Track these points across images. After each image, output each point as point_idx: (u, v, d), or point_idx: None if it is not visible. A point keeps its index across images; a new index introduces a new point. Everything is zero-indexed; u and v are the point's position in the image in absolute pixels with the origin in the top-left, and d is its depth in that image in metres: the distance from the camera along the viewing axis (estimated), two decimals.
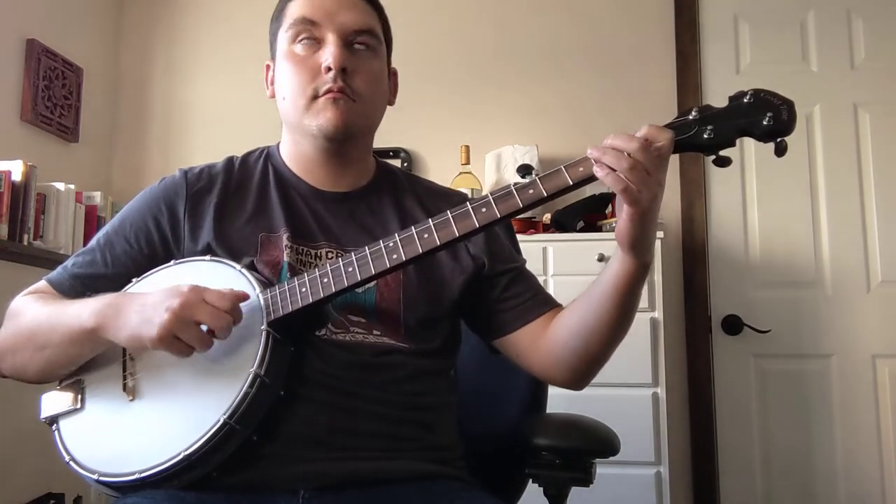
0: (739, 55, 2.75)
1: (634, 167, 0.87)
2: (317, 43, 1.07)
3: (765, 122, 0.87)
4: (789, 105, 0.88)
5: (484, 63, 2.87)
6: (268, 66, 1.16)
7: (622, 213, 0.92)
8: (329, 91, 1.05)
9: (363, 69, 1.08)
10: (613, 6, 2.84)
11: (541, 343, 1.10)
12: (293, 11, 1.09)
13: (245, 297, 0.96)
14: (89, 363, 1.03)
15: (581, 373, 1.08)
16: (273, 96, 1.15)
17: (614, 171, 0.87)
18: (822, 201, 2.63)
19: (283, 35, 1.10)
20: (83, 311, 0.97)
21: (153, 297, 0.94)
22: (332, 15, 1.07)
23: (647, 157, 0.87)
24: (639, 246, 0.94)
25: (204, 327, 0.91)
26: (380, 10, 1.14)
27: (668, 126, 0.91)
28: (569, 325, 1.06)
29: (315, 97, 1.06)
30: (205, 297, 0.92)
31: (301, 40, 1.08)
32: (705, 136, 0.89)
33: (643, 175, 0.87)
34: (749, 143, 0.87)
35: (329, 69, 1.05)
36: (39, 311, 1.04)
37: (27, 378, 1.04)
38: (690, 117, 0.91)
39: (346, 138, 1.10)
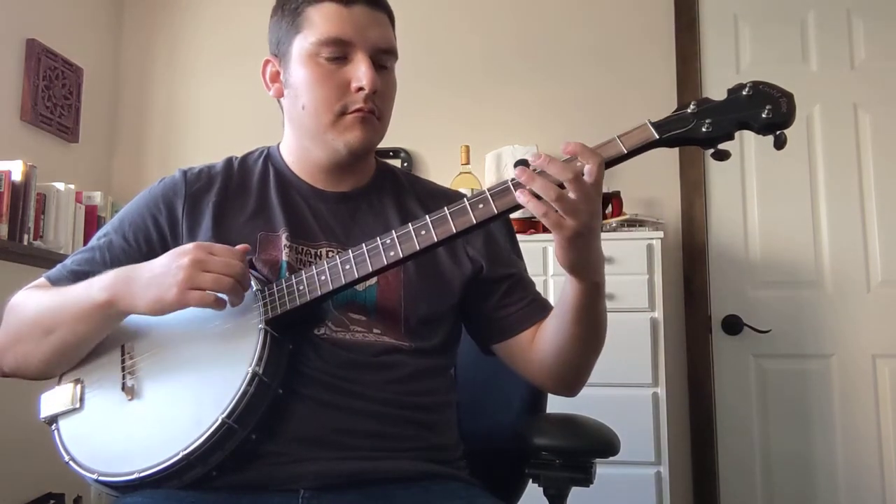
0: (739, 55, 2.75)
1: (561, 198, 0.86)
2: (343, 58, 1.06)
3: (764, 115, 0.87)
4: (788, 97, 0.87)
5: (484, 63, 2.87)
6: (267, 62, 1.14)
7: (554, 239, 0.90)
8: (359, 110, 1.05)
9: (386, 88, 1.09)
10: (614, 6, 2.84)
11: (531, 351, 1.11)
12: (321, 26, 1.05)
13: (247, 249, 0.98)
14: (88, 362, 1.03)
15: (567, 382, 1.10)
16: (280, 95, 1.13)
17: (537, 197, 0.86)
18: (822, 201, 2.63)
19: (305, 42, 1.06)
20: (91, 288, 0.98)
21: (161, 261, 0.95)
22: (362, 31, 1.05)
23: (578, 188, 0.86)
24: (578, 269, 0.94)
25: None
26: (393, 21, 1.13)
27: (666, 120, 0.90)
28: (546, 339, 1.08)
29: (343, 114, 1.06)
30: (212, 250, 0.94)
31: (328, 55, 1.05)
32: (703, 129, 0.88)
33: (569, 204, 0.86)
34: (749, 144, 0.87)
35: (361, 89, 1.04)
36: (42, 297, 1.04)
37: (30, 370, 1.03)
38: (688, 111, 0.90)
39: (367, 154, 1.11)
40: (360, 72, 1.04)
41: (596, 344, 1.05)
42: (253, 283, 0.99)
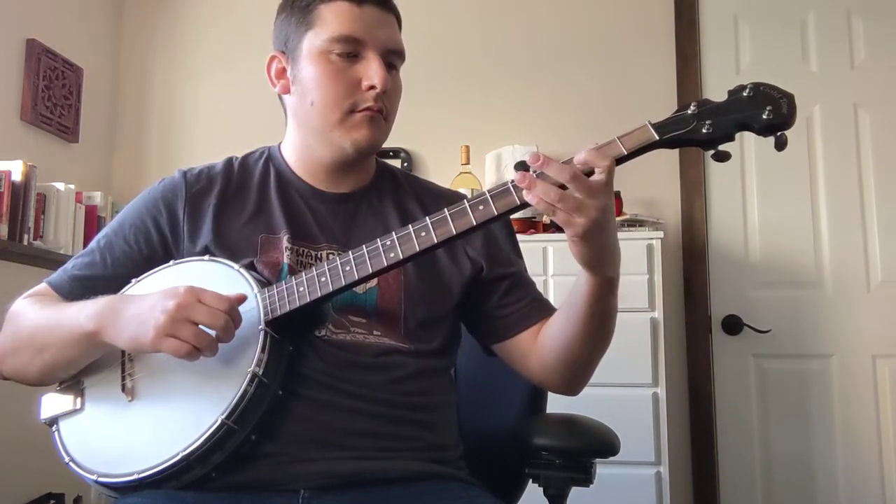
0: (739, 55, 2.75)
1: (563, 198, 0.85)
2: (354, 56, 1.06)
3: (764, 116, 0.86)
4: (789, 98, 0.87)
5: (484, 63, 2.87)
6: (273, 58, 1.13)
7: (566, 235, 0.90)
8: (368, 109, 1.05)
9: (394, 89, 1.09)
10: (614, 6, 2.84)
11: (534, 349, 1.10)
12: (333, 23, 1.05)
13: (243, 298, 0.96)
14: (89, 364, 1.02)
15: (571, 380, 1.10)
16: (285, 92, 1.12)
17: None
18: (822, 201, 2.63)
19: (316, 39, 1.06)
20: (81, 314, 0.97)
21: (150, 299, 0.94)
22: (373, 31, 1.06)
23: (579, 187, 0.85)
24: (593, 264, 0.93)
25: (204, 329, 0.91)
26: (401, 24, 1.14)
27: (666, 121, 0.90)
28: (552, 335, 1.07)
29: (351, 112, 1.06)
30: (201, 298, 0.92)
31: (339, 52, 1.05)
32: (704, 130, 0.88)
33: (574, 202, 0.86)
34: (749, 144, 0.87)
35: (372, 88, 1.04)
36: (39, 313, 1.03)
37: (27, 380, 1.04)
38: (689, 112, 0.89)
39: (372, 153, 1.12)
40: (372, 70, 1.05)
41: (603, 341, 1.05)
42: (253, 284, 0.99)
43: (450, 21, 2.92)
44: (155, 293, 0.94)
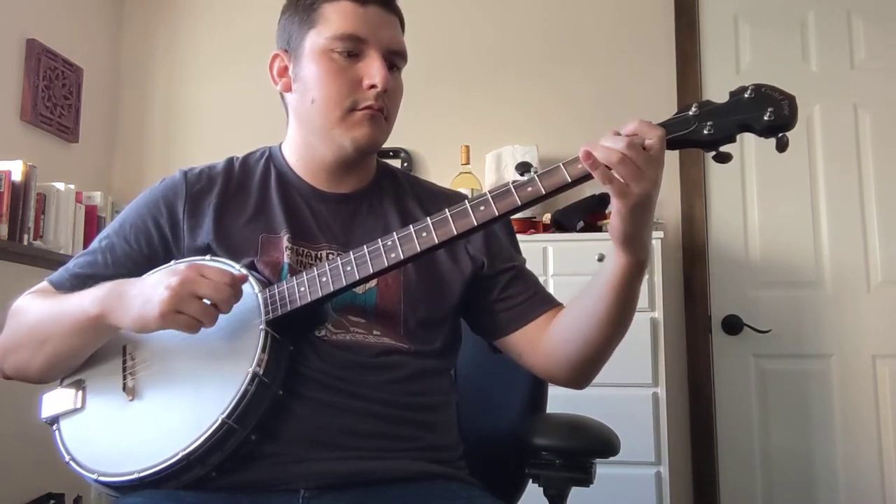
0: (739, 55, 2.75)
1: (623, 161, 0.86)
2: (356, 55, 1.06)
3: (766, 118, 0.86)
4: (790, 100, 0.87)
5: (484, 63, 2.88)
6: (276, 56, 1.14)
7: (613, 209, 0.91)
8: (369, 108, 1.06)
9: (395, 89, 1.10)
10: (613, 7, 2.84)
11: (542, 342, 1.09)
12: (336, 22, 1.06)
13: (243, 279, 0.96)
14: (90, 363, 1.03)
15: (582, 371, 1.08)
16: (287, 90, 1.13)
17: (603, 164, 0.87)
18: (822, 201, 2.63)
19: (319, 38, 1.07)
20: (84, 300, 0.98)
21: (153, 278, 0.95)
22: (376, 30, 1.07)
23: (636, 154, 0.86)
24: (632, 243, 0.93)
25: (207, 302, 0.92)
26: (403, 26, 1.14)
27: (667, 122, 0.90)
28: (568, 323, 1.06)
29: (352, 110, 1.06)
30: (203, 272, 0.93)
31: (341, 50, 1.06)
32: (705, 131, 0.88)
33: (633, 169, 0.86)
34: (749, 143, 0.87)
35: (373, 87, 1.05)
36: (40, 306, 1.04)
37: (29, 376, 1.04)
38: (690, 113, 0.89)
39: (372, 152, 1.12)
40: (374, 69, 1.05)
41: (623, 330, 1.04)
42: (254, 284, 0.99)
43: (451, 21, 2.92)
44: (157, 272, 0.96)
